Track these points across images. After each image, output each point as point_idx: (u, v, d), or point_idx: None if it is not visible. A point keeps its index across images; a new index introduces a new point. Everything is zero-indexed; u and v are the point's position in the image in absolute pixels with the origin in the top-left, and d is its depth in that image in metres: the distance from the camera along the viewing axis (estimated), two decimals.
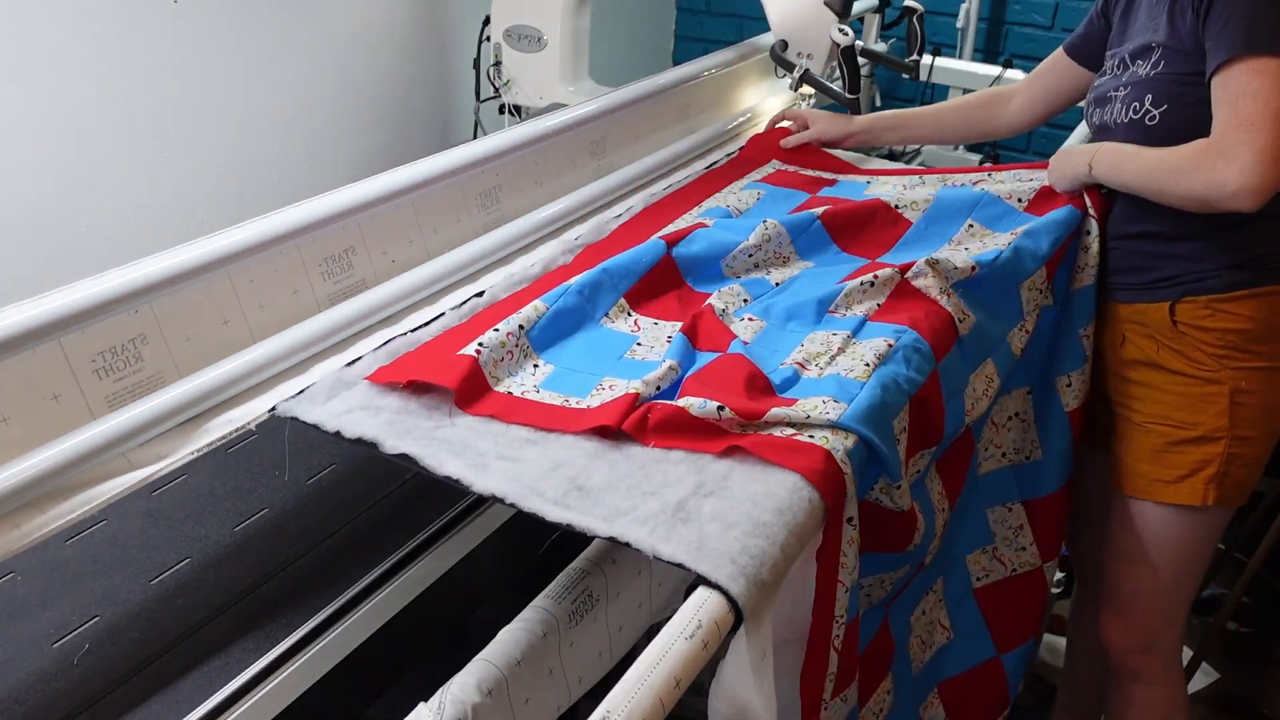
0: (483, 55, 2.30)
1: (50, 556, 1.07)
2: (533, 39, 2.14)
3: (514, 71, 2.20)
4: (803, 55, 1.82)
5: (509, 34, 2.17)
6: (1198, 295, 1.33)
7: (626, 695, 0.70)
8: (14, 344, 0.85)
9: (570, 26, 2.09)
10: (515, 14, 2.15)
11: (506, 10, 2.17)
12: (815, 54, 1.81)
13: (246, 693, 0.91)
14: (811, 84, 1.82)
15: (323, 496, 1.19)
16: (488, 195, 1.36)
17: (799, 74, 1.81)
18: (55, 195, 1.74)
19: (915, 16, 2.12)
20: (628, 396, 0.99)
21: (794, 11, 1.84)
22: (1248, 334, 1.32)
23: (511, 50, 2.19)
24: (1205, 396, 1.35)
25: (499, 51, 2.20)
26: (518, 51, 2.18)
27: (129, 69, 1.79)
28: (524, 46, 2.16)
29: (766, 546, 0.83)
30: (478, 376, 1.03)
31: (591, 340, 1.14)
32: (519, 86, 2.21)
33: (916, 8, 2.11)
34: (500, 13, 2.19)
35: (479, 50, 2.32)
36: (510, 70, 2.20)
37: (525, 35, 2.14)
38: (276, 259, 1.08)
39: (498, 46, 2.20)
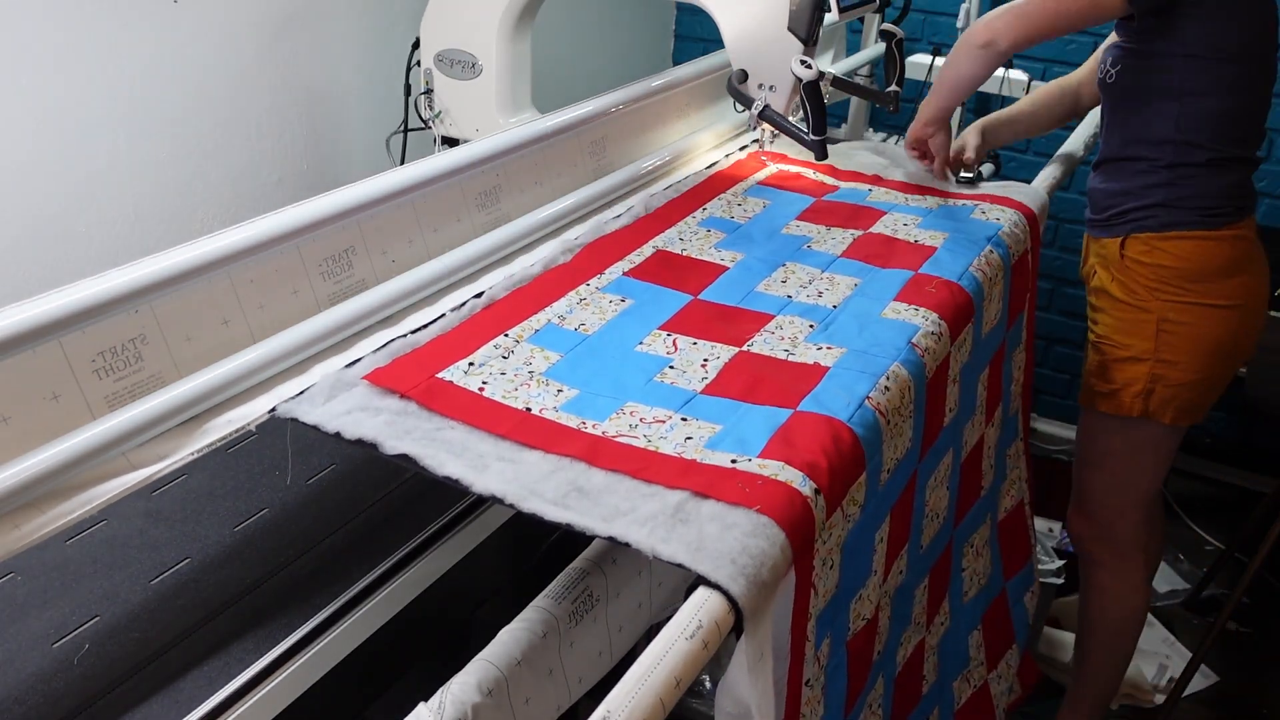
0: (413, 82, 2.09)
1: (50, 556, 1.07)
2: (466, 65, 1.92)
3: (447, 101, 1.99)
4: (764, 87, 1.61)
5: (440, 59, 1.96)
6: (1140, 233, 1.56)
7: (627, 695, 0.70)
8: (14, 344, 0.85)
9: (508, 51, 1.87)
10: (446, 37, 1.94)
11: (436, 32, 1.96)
12: (779, 86, 1.59)
13: (246, 693, 0.91)
14: (772, 123, 1.61)
15: (323, 496, 1.19)
16: (488, 195, 1.36)
17: (758, 110, 1.59)
18: (55, 195, 1.74)
19: (894, 42, 1.91)
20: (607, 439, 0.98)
21: (753, 37, 1.62)
22: (1178, 271, 1.54)
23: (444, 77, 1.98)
24: (1138, 322, 1.58)
25: (430, 78, 2.00)
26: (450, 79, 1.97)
27: (129, 68, 1.79)
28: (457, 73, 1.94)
29: (766, 546, 0.83)
30: (484, 403, 1.02)
31: (620, 364, 1.11)
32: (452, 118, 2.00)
33: (896, 32, 1.92)
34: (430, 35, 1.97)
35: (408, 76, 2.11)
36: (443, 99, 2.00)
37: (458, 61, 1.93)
38: (276, 259, 1.08)
39: (429, 73, 1.99)
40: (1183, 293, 1.55)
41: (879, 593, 1.17)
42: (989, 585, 1.62)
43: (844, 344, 1.16)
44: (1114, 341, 1.63)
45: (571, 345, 1.14)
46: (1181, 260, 1.54)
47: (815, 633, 1.00)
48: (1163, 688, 2.12)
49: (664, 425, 0.99)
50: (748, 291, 1.28)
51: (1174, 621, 2.32)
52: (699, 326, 1.19)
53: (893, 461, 1.11)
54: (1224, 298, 1.54)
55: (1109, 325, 1.64)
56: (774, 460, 0.93)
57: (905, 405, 1.12)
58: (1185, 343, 1.56)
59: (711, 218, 1.52)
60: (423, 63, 2.00)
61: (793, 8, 1.55)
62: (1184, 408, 1.61)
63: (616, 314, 1.21)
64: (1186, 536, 2.60)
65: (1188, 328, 1.56)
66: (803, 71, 1.52)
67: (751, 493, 0.88)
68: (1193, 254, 1.53)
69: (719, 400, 1.04)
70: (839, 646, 1.08)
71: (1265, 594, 2.40)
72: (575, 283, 1.28)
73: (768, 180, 1.68)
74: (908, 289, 1.29)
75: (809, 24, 1.57)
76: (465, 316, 1.18)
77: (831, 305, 1.26)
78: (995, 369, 1.48)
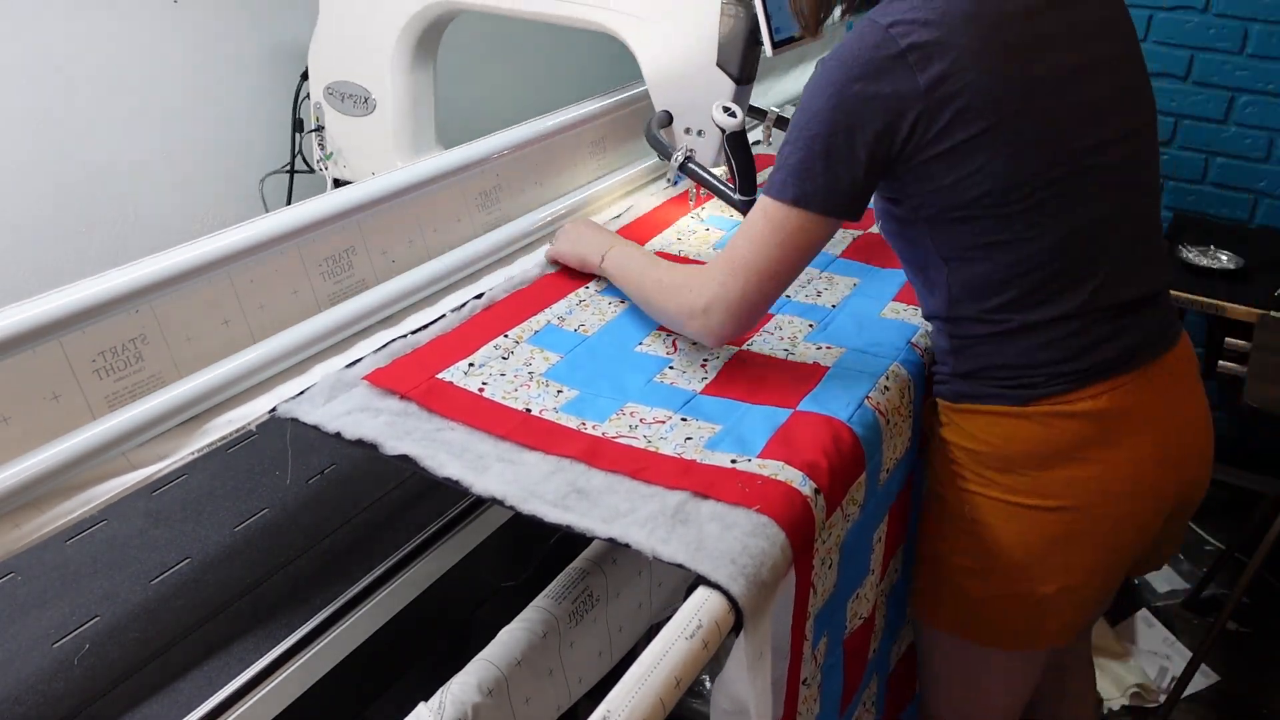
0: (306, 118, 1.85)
1: (50, 556, 1.07)
2: (358, 99, 1.69)
3: (340, 140, 1.76)
4: (691, 132, 1.36)
5: (331, 91, 1.72)
6: (940, 399, 1.15)
7: (627, 695, 0.70)
8: (14, 344, 0.85)
9: (405, 84, 1.64)
10: (336, 67, 1.70)
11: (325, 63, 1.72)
12: (708, 132, 1.34)
13: (246, 693, 0.91)
14: (694, 177, 1.34)
15: (323, 496, 1.19)
16: (488, 195, 1.36)
17: (677, 162, 1.34)
18: (55, 195, 1.74)
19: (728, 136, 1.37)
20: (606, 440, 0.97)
21: (677, 74, 1.35)
22: (975, 454, 1.11)
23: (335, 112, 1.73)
24: (938, 512, 1.19)
25: (320, 113, 1.76)
26: (342, 114, 1.73)
27: (129, 67, 1.79)
28: (349, 108, 1.71)
29: (766, 546, 0.83)
30: (484, 404, 1.03)
31: (620, 365, 1.11)
32: (345, 158, 1.76)
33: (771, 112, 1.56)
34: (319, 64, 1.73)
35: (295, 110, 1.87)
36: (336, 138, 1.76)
37: (349, 95, 1.70)
38: (276, 259, 1.08)
39: (319, 107, 1.76)
40: (984, 483, 1.11)
41: (875, 592, 1.17)
42: None
43: (843, 343, 1.16)
44: (923, 529, 1.23)
45: (571, 346, 1.14)
46: (978, 441, 1.10)
47: (813, 631, 1.00)
48: (1163, 688, 2.12)
49: (664, 425, 0.99)
50: None
51: (1174, 621, 2.32)
52: None
53: (892, 461, 1.11)
54: (1036, 495, 1.08)
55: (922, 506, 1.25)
56: (774, 460, 0.93)
57: (905, 405, 1.12)
58: (984, 547, 1.12)
59: (712, 217, 1.52)
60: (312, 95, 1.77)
61: (723, 40, 1.30)
62: (1001, 631, 1.17)
63: (616, 315, 1.21)
64: (1187, 536, 2.60)
65: (987, 530, 1.11)
66: (725, 120, 1.24)
67: (751, 493, 0.88)
68: (990, 434, 1.09)
69: (719, 400, 1.04)
70: (836, 645, 1.09)
71: (1265, 594, 2.40)
72: (575, 284, 1.28)
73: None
74: (907, 289, 1.29)
75: (742, 60, 1.30)
76: (465, 317, 1.18)
77: (830, 305, 1.26)
78: None
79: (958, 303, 1.08)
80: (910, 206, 1.05)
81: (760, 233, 1.04)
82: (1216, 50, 2.52)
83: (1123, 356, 1.06)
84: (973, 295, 1.07)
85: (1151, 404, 1.09)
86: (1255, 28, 2.48)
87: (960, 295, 1.07)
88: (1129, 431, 1.08)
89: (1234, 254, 2.30)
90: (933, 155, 0.99)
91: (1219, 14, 2.51)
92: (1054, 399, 1.06)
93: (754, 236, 1.05)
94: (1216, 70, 2.54)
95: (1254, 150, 2.57)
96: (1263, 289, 2.18)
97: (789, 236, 1.03)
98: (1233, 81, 2.54)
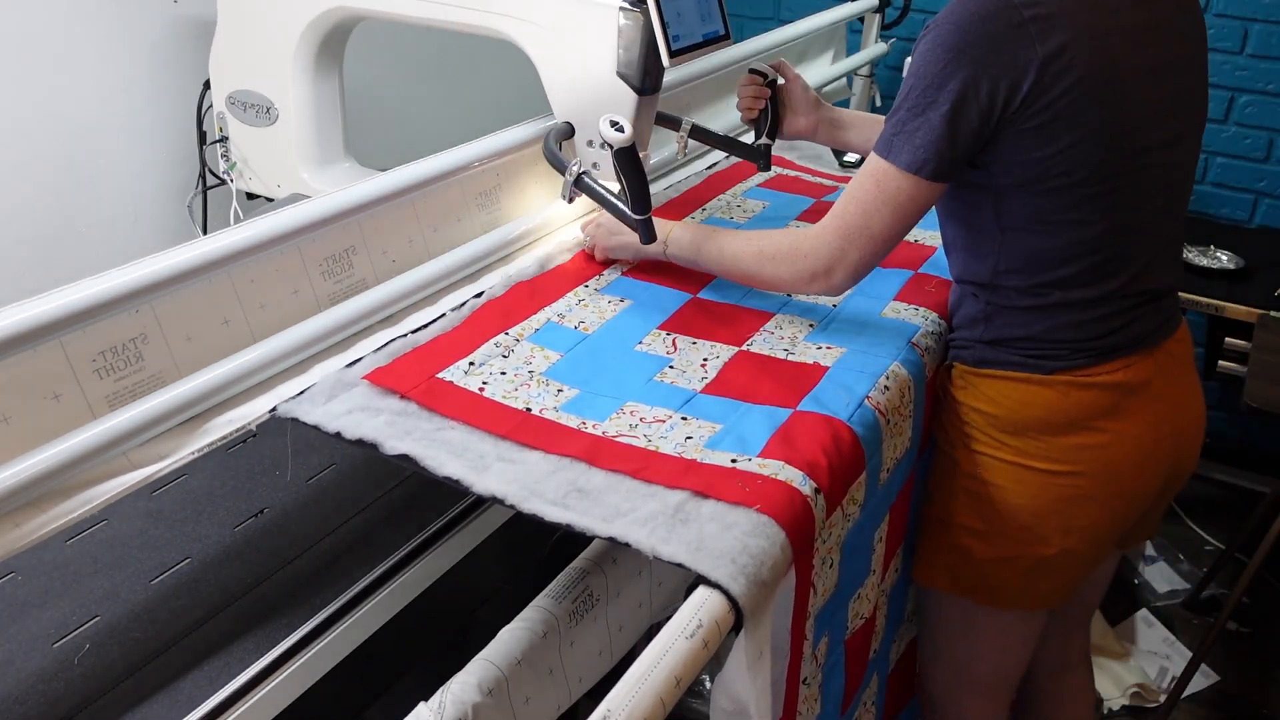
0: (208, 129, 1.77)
1: (50, 556, 1.07)
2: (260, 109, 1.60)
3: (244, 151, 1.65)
4: (594, 145, 1.30)
5: (233, 101, 1.63)
6: (959, 363, 1.21)
7: (627, 694, 0.70)
8: (14, 343, 0.85)
9: (308, 93, 1.54)
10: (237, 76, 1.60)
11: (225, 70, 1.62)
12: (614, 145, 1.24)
13: (246, 693, 0.91)
14: (589, 193, 1.24)
15: (323, 496, 1.19)
16: (488, 195, 1.36)
17: (572, 178, 1.24)
18: (55, 195, 1.74)
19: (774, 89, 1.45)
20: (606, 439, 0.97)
21: (577, 85, 1.28)
22: (991, 418, 1.17)
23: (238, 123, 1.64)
24: (945, 473, 1.24)
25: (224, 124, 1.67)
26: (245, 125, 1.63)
27: (129, 67, 1.79)
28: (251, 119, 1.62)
29: (766, 546, 0.83)
30: (484, 403, 1.03)
31: (620, 364, 1.11)
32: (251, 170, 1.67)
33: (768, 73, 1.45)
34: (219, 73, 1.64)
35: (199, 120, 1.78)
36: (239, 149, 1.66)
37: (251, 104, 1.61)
38: (277, 259, 1.08)
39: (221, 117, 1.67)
40: (994, 446, 1.17)
41: (877, 591, 1.17)
42: None
43: (843, 343, 1.16)
44: (927, 493, 1.27)
45: (571, 344, 1.14)
46: (995, 405, 1.16)
47: (814, 631, 1.00)
48: (1163, 688, 2.12)
49: (664, 425, 0.99)
50: (747, 291, 1.28)
51: (1174, 621, 2.32)
52: (698, 326, 1.19)
53: (892, 461, 1.11)
54: (1046, 460, 1.15)
55: (930, 470, 1.28)
56: (774, 459, 0.93)
57: (905, 404, 1.12)
58: (988, 508, 1.18)
59: (711, 218, 1.52)
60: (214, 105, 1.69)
61: (622, 49, 1.24)
62: (999, 590, 1.23)
63: (616, 314, 1.21)
64: (1186, 536, 2.60)
65: (995, 490, 1.17)
66: (613, 135, 1.14)
67: (751, 492, 0.88)
68: (1008, 399, 1.15)
69: (719, 400, 1.04)
70: (837, 645, 1.09)
71: (1265, 594, 2.40)
72: (574, 283, 1.28)
73: (767, 182, 1.68)
74: (907, 288, 1.29)
75: (643, 69, 1.23)
76: (465, 316, 1.18)
77: (831, 305, 1.26)
78: None
79: (1006, 272, 1.13)
80: (989, 172, 1.09)
81: (872, 198, 1.09)
82: (1216, 50, 2.52)
83: (1138, 338, 1.15)
84: (1024, 267, 1.12)
85: (1157, 383, 1.16)
86: (1255, 28, 2.48)
87: (1011, 265, 1.13)
88: (1137, 406, 1.15)
89: (1234, 254, 2.31)
90: (1032, 125, 1.03)
91: (1219, 14, 2.51)
92: (1074, 371, 1.13)
93: (866, 202, 1.09)
94: (1216, 70, 2.54)
95: (1254, 150, 2.57)
96: (1263, 289, 2.18)
97: (902, 204, 1.08)
98: (1233, 81, 2.54)
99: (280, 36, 1.54)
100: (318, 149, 1.61)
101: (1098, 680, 2.10)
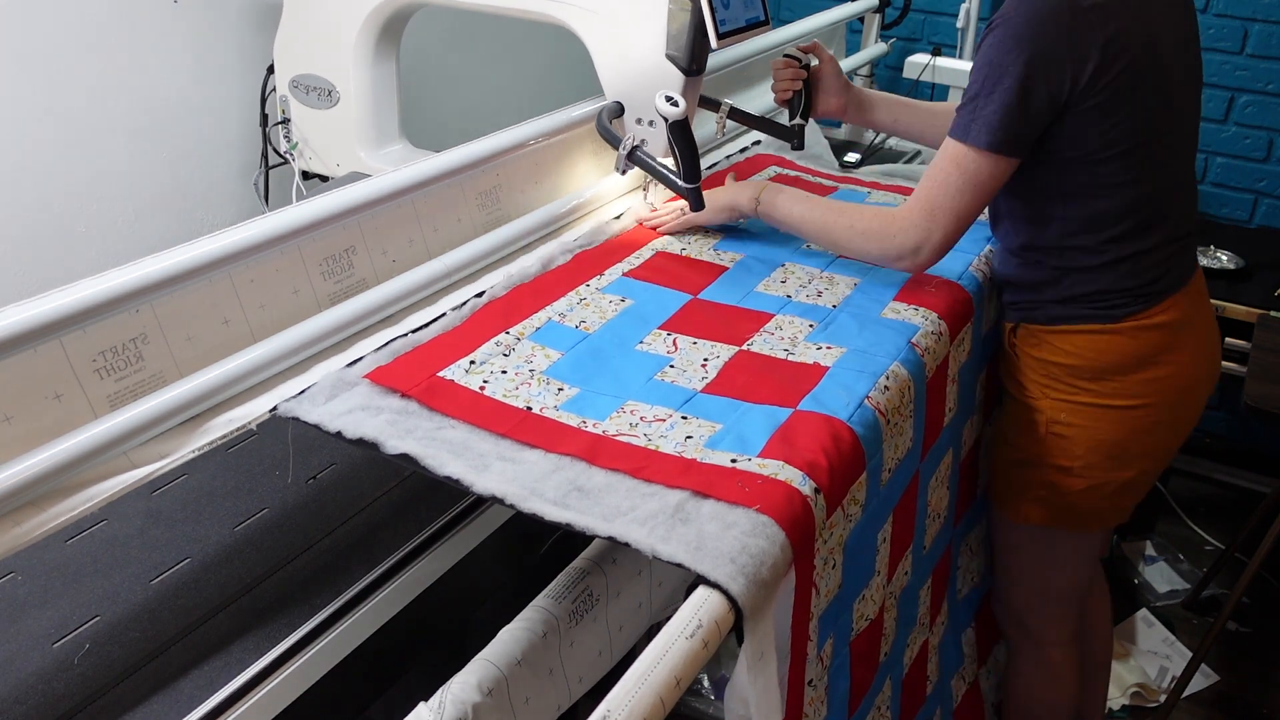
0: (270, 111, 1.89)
1: (50, 556, 1.07)
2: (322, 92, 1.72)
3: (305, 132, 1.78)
4: (643, 123, 1.42)
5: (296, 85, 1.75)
6: (1029, 323, 1.36)
7: (627, 694, 0.70)
8: (15, 343, 0.85)
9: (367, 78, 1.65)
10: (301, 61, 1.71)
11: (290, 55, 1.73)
12: (659, 122, 1.40)
13: (246, 693, 0.91)
14: (641, 165, 1.39)
15: (323, 496, 1.19)
16: (488, 195, 1.36)
17: (626, 150, 1.37)
18: (55, 195, 1.74)
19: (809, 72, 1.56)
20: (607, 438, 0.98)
21: (628, 66, 1.40)
22: (1070, 368, 1.33)
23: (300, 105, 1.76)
24: (1029, 422, 1.38)
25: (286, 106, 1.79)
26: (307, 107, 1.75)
27: (129, 68, 1.79)
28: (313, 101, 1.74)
29: (766, 546, 0.83)
30: (484, 402, 1.03)
31: (621, 363, 1.11)
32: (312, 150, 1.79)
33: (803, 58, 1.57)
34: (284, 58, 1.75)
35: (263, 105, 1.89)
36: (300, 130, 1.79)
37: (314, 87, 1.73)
38: (277, 259, 1.08)
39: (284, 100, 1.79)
40: (1075, 392, 1.33)
41: (883, 593, 1.17)
42: (981, 582, 1.62)
43: (844, 343, 1.16)
44: (1010, 442, 1.42)
45: (572, 343, 1.14)
46: (1072, 356, 1.32)
47: (818, 632, 1.00)
48: (1163, 688, 2.12)
49: (664, 424, 0.99)
50: (747, 291, 1.28)
51: (1174, 621, 2.32)
52: (699, 326, 1.19)
53: (894, 461, 1.11)
54: (1124, 397, 1.32)
55: (1006, 423, 1.44)
56: (774, 459, 0.93)
57: (905, 405, 1.12)
58: (1078, 447, 1.35)
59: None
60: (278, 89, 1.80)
61: (672, 32, 1.36)
62: (1090, 515, 1.41)
63: (617, 313, 1.21)
64: (1186, 536, 2.60)
65: (1080, 431, 1.34)
66: (668, 109, 1.28)
67: (751, 492, 0.88)
68: (1085, 349, 1.31)
69: (719, 399, 1.04)
70: (842, 646, 1.09)
71: (1265, 594, 2.40)
72: (575, 282, 1.28)
73: (771, 181, 1.68)
74: (907, 288, 1.29)
75: (690, 51, 1.36)
76: (466, 315, 1.18)
77: (831, 305, 1.26)
78: (992, 368, 1.48)
79: (1073, 234, 1.28)
80: (1054, 147, 1.22)
81: (954, 180, 1.22)
82: (1216, 50, 2.52)
83: (1179, 279, 1.33)
84: (1091, 228, 1.27)
85: (1193, 315, 1.35)
86: (1255, 28, 2.48)
87: (1078, 229, 1.27)
88: (1186, 338, 1.34)
89: (1234, 254, 2.31)
90: (1094, 104, 1.18)
91: (1219, 14, 2.51)
92: (1137, 315, 1.30)
93: (948, 184, 1.22)
94: (1216, 70, 2.54)
95: (1254, 150, 2.57)
96: (1263, 289, 2.18)
97: (983, 182, 1.21)
98: (1233, 81, 2.54)
99: (344, 23, 1.63)
100: (375, 130, 1.72)
101: None
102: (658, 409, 1.02)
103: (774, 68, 1.57)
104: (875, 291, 1.29)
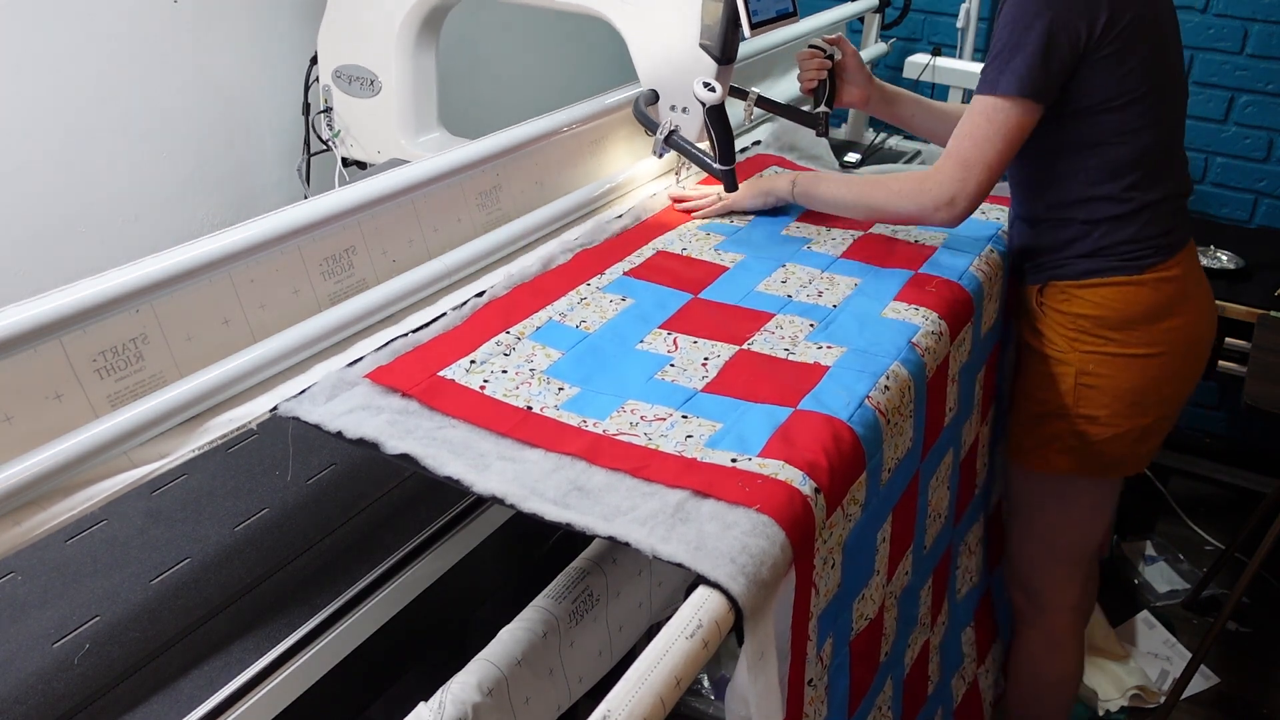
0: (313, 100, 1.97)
1: (50, 556, 1.07)
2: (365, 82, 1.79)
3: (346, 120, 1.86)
4: (676, 109, 1.51)
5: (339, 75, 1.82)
6: (1058, 280, 1.45)
7: (627, 694, 0.70)
8: (15, 343, 0.85)
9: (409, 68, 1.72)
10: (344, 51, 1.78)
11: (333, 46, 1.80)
12: (692, 109, 1.49)
13: (247, 693, 0.91)
14: (678, 149, 1.49)
15: (323, 496, 1.19)
16: (488, 195, 1.36)
17: (663, 135, 1.47)
18: (55, 195, 1.74)
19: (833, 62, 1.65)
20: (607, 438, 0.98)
21: (663, 55, 1.49)
22: (1098, 320, 1.43)
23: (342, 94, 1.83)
24: (1056, 376, 1.48)
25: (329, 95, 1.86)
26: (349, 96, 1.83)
27: (129, 68, 1.79)
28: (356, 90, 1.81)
29: (766, 545, 0.83)
30: (485, 401, 1.03)
31: (621, 362, 1.11)
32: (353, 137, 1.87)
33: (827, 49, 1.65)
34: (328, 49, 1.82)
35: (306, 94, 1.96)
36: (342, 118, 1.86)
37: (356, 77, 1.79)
38: (277, 259, 1.08)
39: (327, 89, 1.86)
40: (1103, 343, 1.43)
41: (883, 593, 1.17)
42: (979, 581, 1.62)
43: (844, 343, 1.16)
44: (1035, 398, 1.51)
45: (573, 343, 1.14)
46: (1101, 308, 1.42)
47: (817, 632, 1.00)
48: (1163, 690, 2.12)
49: (664, 423, 0.99)
50: (748, 291, 1.28)
51: (1174, 621, 2.32)
52: (699, 325, 1.19)
53: (894, 461, 1.11)
54: (1146, 345, 1.43)
55: (1030, 379, 1.52)
56: (774, 459, 0.93)
57: (905, 405, 1.12)
58: (1105, 396, 1.45)
59: (712, 221, 1.52)
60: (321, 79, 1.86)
61: (706, 22, 1.44)
62: (1114, 462, 1.51)
63: (617, 313, 1.21)
64: (1187, 536, 2.60)
65: (1107, 380, 1.45)
66: (706, 94, 1.39)
67: (751, 492, 0.88)
68: (1114, 300, 1.42)
69: (719, 399, 1.04)
70: (842, 646, 1.09)
71: (1265, 594, 2.40)
72: (576, 282, 1.28)
73: None
74: (908, 288, 1.29)
75: (723, 41, 1.44)
76: (466, 315, 1.18)
77: (831, 305, 1.26)
78: (991, 368, 1.49)
79: (1097, 183, 1.38)
80: (1075, 97, 1.34)
81: (984, 131, 1.31)
82: (1216, 50, 2.53)
83: (1184, 235, 1.45)
84: (1112, 175, 1.38)
85: (1197, 274, 1.49)
86: (1255, 28, 2.48)
87: (1101, 177, 1.38)
88: (1194, 292, 1.46)
89: (1234, 254, 2.30)
90: (1108, 53, 1.30)
91: (1219, 14, 2.51)
92: (1158, 267, 1.41)
93: (977, 135, 1.32)
94: (1216, 70, 2.54)
95: (1254, 150, 2.57)
96: (1263, 289, 2.18)
97: (1011, 129, 1.31)
98: (1233, 81, 2.54)
99: (388, 16, 1.69)
100: (414, 118, 1.79)
101: (1098, 682, 2.10)
102: (658, 408, 1.02)
103: (799, 58, 1.65)
104: (876, 291, 1.29)
